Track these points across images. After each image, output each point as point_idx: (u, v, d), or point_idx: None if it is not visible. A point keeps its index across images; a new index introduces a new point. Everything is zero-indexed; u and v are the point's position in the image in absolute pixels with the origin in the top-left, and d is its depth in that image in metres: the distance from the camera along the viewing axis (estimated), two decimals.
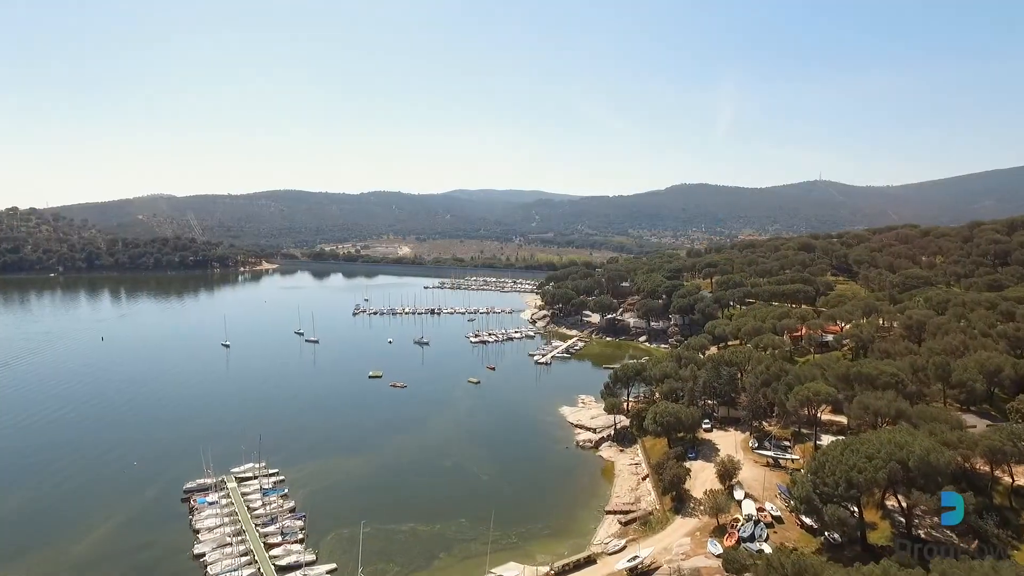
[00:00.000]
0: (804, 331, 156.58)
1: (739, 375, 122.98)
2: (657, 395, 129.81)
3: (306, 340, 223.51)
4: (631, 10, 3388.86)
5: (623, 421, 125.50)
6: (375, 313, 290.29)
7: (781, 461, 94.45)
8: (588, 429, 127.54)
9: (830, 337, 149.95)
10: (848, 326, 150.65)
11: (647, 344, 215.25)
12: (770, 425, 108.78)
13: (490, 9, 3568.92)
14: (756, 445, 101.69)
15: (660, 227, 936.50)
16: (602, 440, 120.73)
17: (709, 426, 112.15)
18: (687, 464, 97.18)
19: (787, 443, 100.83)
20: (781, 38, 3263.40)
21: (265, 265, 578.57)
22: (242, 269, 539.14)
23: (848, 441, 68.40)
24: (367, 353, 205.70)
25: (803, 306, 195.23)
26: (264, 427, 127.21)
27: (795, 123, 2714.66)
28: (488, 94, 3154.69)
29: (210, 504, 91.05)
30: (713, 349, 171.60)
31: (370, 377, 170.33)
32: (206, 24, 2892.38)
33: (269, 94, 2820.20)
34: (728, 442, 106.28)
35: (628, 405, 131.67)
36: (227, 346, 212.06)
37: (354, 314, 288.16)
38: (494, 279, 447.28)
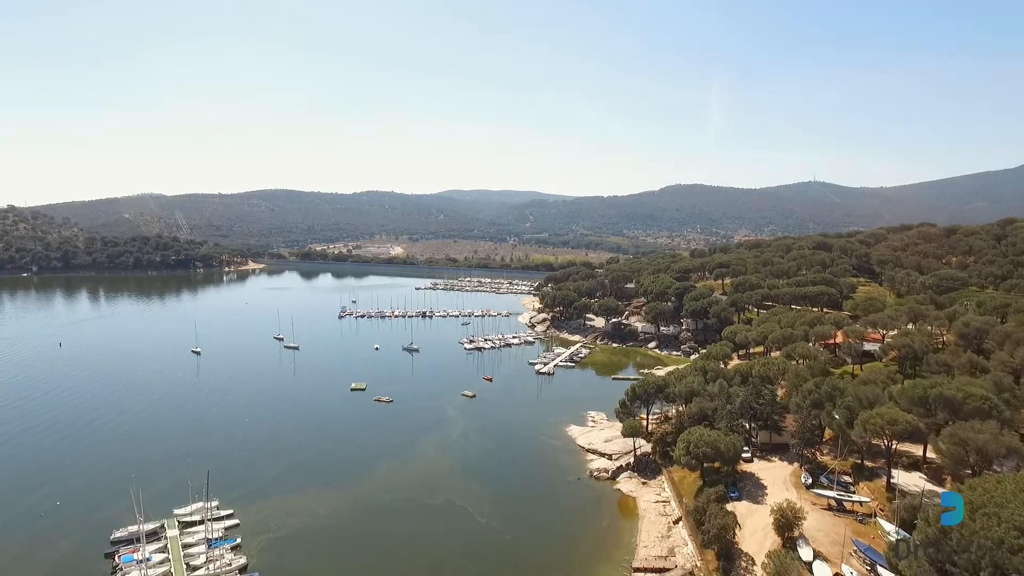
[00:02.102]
0: (841, 339, 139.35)
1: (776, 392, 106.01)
2: (678, 413, 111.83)
3: (285, 346, 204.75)
4: (625, 10, 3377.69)
5: (643, 446, 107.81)
6: (362, 316, 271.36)
7: (846, 503, 76.86)
8: (602, 455, 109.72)
9: (874, 346, 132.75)
10: (893, 333, 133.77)
11: (657, 351, 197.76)
12: (822, 454, 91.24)
13: (484, 10, 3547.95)
14: (810, 481, 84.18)
15: (655, 227, 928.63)
16: (620, 469, 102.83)
17: (748, 455, 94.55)
18: (730, 506, 79.69)
19: (847, 478, 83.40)
20: (775, 39, 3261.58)
21: (252, 265, 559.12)
22: (227, 269, 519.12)
23: (975, 500, 50.76)
24: (351, 361, 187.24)
25: (827, 310, 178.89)
26: (223, 453, 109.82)
27: (788, 124, 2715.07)
28: (482, 94, 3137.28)
29: (139, 562, 72.36)
30: (735, 359, 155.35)
31: (352, 390, 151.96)
32: (200, 23, 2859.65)
33: (263, 93, 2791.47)
34: (774, 476, 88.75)
35: (648, 426, 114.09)
36: (197, 353, 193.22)
37: (340, 317, 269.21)
38: (489, 280, 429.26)
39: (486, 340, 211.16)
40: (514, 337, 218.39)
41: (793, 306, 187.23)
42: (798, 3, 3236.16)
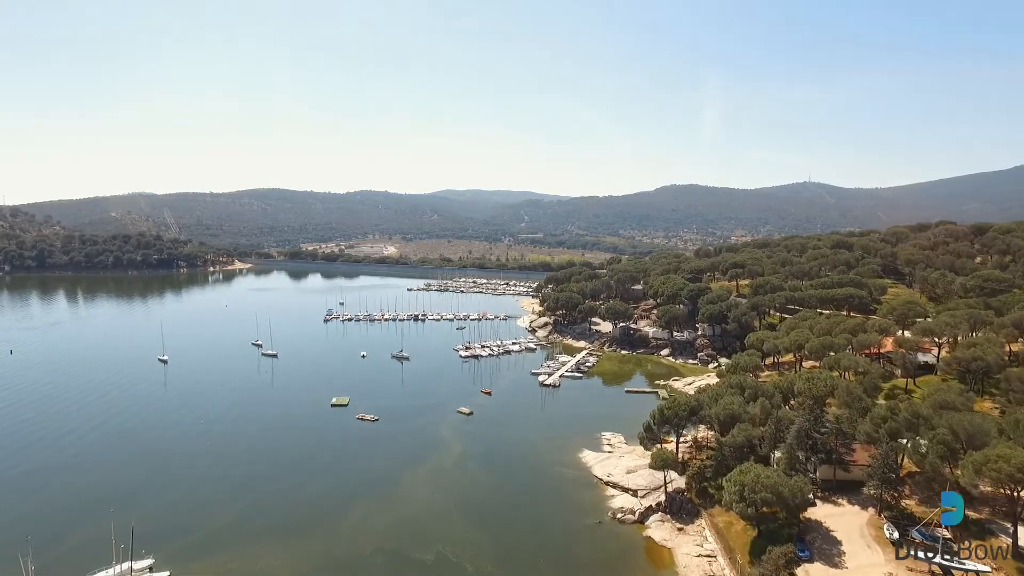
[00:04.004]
0: (891, 347, 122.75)
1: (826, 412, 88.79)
2: (718, 441, 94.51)
3: (263, 354, 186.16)
4: (619, 11, 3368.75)
5: (675, 479, 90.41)
6: (349, 319, 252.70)
7: (957, 573, 59.64)
8: (625, 490, 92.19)
9: (929, 357, 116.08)
10: (948, 342, 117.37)
11: (671, 359, 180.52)
12: (904, 497, 73.88)
13: (477, 10, 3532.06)
14: (896, 536, 66.95)
15: (651, 228, 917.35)
16: (650, 511, 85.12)
17: (809, 495, 77.04)
18: (800, 569, 62.49)
19: (945, 533, 66.14)
20: (769, 40, 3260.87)
21: (238, 264, 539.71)
22: (212, 269, 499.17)
23: None
24: (334, 371, 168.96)
25: (856, 314, 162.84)
26: (171, 489, 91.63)
27: (783, 125, 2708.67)
28: (476, 95, 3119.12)
29: None
30: (766, 371, 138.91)
31: (333, 405, 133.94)
32: (192, 22, 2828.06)
33: (256, 92, 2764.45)
34: (847, 527, 71.37)
35: (679, 454, 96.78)
36: (164, 361, 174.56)
37: (326, 320, 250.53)
38: (485, 280, 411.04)
39: (483, 347, 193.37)
40: (514, 343, 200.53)
41: (820, 310, 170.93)
42: (792, 6, 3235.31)
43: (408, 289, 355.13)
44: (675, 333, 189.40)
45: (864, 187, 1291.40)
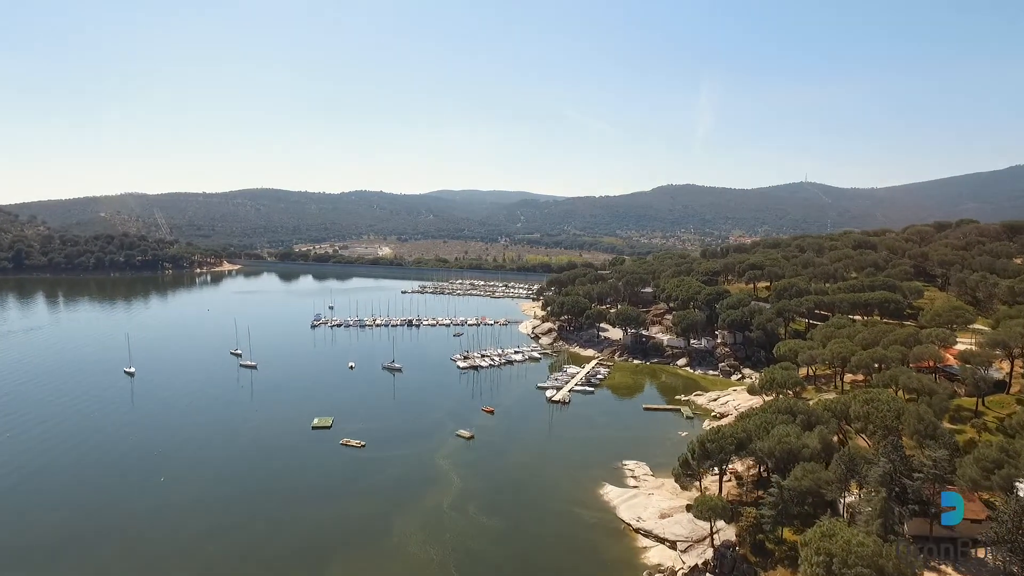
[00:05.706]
0: (952, 361, 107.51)
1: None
2: (779, 486, 78.63)
3: (241, 365, 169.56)
4: (615, 12, 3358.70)
5: (723, 528, 74.45)
6: (339, 325, 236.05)
7: None
8: (660, 540, 76.10)
9: (997, 373, 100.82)
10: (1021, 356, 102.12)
11: (689, 369, 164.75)
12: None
13: (473, 11, 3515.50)
14: None
15: (648, 228, 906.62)
16: (695, 571, 68.91)
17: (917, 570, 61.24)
18: None
19: None
20: (765, 39, 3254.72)
21: (227, 266, 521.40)
22: (199, 270, 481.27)
23: None
24: (318, 384, 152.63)
25: (889, 321, 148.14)
26: (101, 547, 74.91)
27: (779, 125, 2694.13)
28: (471, 95, 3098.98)
29: None
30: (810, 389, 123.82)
31: (314, 428, 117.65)
32: (183, 20, 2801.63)
33: (250, 92, 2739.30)
34: None
35: (723, 491, 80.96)
36: (131, 374, 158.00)
37: (313, 326, 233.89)
38: (482, 282, 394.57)
39: (483, 356, 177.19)
40: (516, 352, 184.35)
41: (850, 316, 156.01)
42: (788, 7, 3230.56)
43: (402, 292, 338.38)
44: (692, 341, 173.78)
45: (860, 187, 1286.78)
